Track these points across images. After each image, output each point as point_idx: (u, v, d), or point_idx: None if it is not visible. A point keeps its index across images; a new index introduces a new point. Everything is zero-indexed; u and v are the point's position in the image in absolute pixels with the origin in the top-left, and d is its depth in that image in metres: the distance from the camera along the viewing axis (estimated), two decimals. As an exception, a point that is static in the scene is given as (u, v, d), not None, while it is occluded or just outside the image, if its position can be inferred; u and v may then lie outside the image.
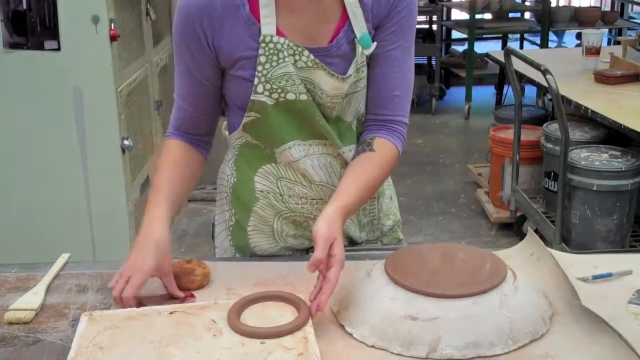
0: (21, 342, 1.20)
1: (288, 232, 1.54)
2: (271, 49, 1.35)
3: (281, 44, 1.35)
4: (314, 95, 1.40)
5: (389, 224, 1.65)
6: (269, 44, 1.35)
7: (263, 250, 1.56)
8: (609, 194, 3.01)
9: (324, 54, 1.39)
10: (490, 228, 4.15)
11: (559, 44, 8.49)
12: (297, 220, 1.53)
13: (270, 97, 1.39)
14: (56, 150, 2.86)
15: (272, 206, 1.52)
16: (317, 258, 1.21)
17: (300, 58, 1.37)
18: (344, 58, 1.40)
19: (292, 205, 1.51)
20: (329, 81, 1.39)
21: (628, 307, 1.27)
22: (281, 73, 1.37)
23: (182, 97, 1.47)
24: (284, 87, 1.38)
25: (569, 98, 3.19)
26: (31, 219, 2.93)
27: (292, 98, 1.39)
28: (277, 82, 1.37)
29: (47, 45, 2.77)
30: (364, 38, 1.39)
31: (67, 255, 1.50)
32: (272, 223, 1.53)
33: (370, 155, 1.43)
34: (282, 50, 1.35)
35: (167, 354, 1.12)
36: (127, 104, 2.97)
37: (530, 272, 1.36)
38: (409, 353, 1.14)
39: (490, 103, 6.16)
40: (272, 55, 1.36)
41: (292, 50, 1.36)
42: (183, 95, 1.47)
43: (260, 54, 1.35)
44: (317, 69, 1.38)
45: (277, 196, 1.51)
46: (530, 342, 1.17)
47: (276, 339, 1.15)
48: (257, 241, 1.56)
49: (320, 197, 1.50)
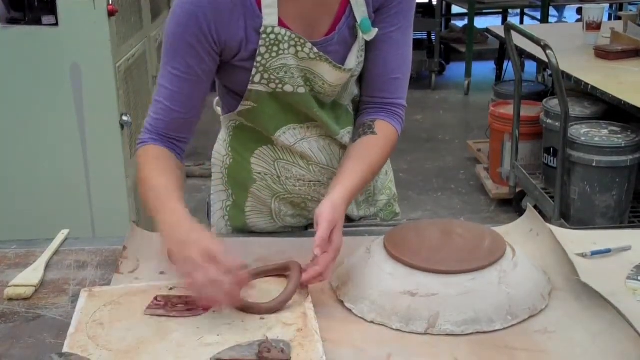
0: (21, 318, 1.21)
1: (286, 212, 1.54)
2: (272, 40, 1.33)
3: (282, 36, 1.33)
4: (314, 85, 1.39)
5: (385, 199, 1.65)
6: (270, 35, 1.32)
7: (261, 230, 1.56)
8: (609, 169, 3.01)
9: (324, 45, 1.37)
10: (489, 204, 4.15)
11: (560, 19, 8.45)
12: (295, 202, 1.53)
13: (267, 86, 1.37)
14: (54, 127, 2.84)
15: (269, 188, 1.51)
16: (322, 238, 1.20)
17: (302, 49, 1.35)
18: (344, 45, 1.39)
19: (289, 187, 1.50)
20: (333, 73, 1.38)
21: (627, 282, 1.27)
22: (280, 65, 1.34)
23: (171, 99, 1.36)
24: (282, 79, 1.36)
25: (569, 73, 3.18)
26: (30, 196, 2.92)
27: (289, 90, 1.37)
28: (275, 72, 1.35)
29: (44, 20, 2.75)
30: (364, 23, 1.37)
31: (67, 231, 1.50)
32: (269, 204, 1.53)
33: (372, 138, 1.42)
34: (282, 41, 1.33)
35: (167, 329, 1.13)
36: (125, 80, 2.95)
37: (529, 248, 1.36)
38: (408, 329, 1.15)
39: (490, 78, 6.15)
40: (273, 47, 1.33)
41: (294, 41, 1.34)
42: (174, 97, 1.35)
43: (261, 45, 1.33)
44: (320, 62, 1.36)
45: (274, 178, 1.50)
46: (529, 318, 1.17)
47: (275, 314, 1.15)
48: (255, 221, 1.56)
49: (318, 179, 1.49)
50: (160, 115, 1.38)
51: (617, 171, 3.01)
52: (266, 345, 1.06)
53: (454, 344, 1.12)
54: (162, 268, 1.34)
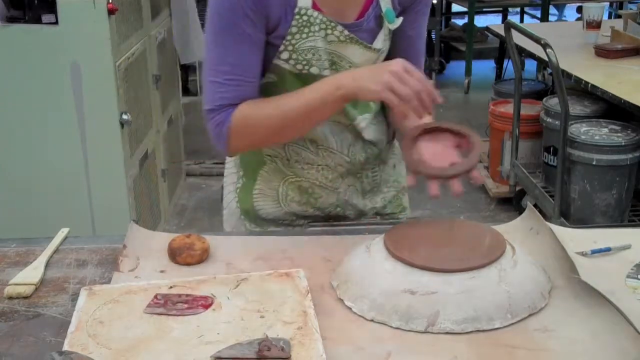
0: (21, 317, 1.21)
1: (293, 198, 1.57)
2: (304, 22, 1.37)
3: (314, 18, 1.37)
4: (340, 68, 1.43)
5: (392, 192, 1.69)
6: (302, 17, 1.37)
7: (267, 214, 1.59)
8: (609, 168, 3.01)
9: (354, 29, 1.41)
10: (489, 203, 4.15)
11: (560, 17, 8.45)
12: (303, 186, 1.56)
13: (294, 67, 1.41)
14: (54, 125, 2.85)
15: (278, 170, 1.55)
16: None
17: (332, 32, 1.39)
18: (370, 33, 1.44)
19: (297, 171, 1.54)
20: (362, 53, 1.43)
21: (627, 281, 1.27)
22: (309, 46, 1.39)
23: (240, 69, 1.38)
24: (310, 60, 1.40)
25: (569, 72, 3.18)
26: (30, 194, 2.93)
27: (315, 72, 1.42)
28: (303, 54, 1.40)
29: (44, 19, 2.75)
30: (389, 13, 1.43)
31: (67, 230, 1.50)
32: (277, 187, 1.56)
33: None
34: (314, 24, 1.38)
35: (167, 327, 1.13)
36: (125, 79, 2.95)
37: (529, 246, 1.36)
38: (408, 327, 1.15)
39: (490, 77, 6.16)
40: (304, 28, 1.38)
41: (325, 24, 1.38)
42: (242, 66, 1.38)
43: (293, 25, 1.37)
44: (351, 43, 1.41)
45: (284, 160, 1.54)
46: (529, 316, 1.17)
47: (275, 313, 1.15)
48: (261, 204, 1.58)
49: (327, 163, 1.52)
50: (230, 88, 1.39)
51: (617, 170, 3.01)
52: (266, 344, 1.06)
53: (453, 343, 1.12)
54: (162, 266, 1.34)
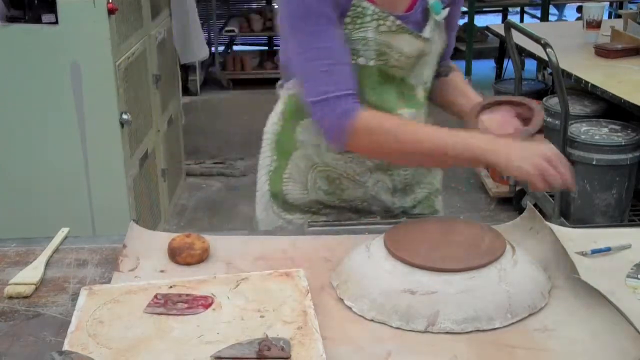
0: (21, 316, 1.21)
1: (320, 186, 1.59)
2: (358, 13, 1.41)
3: (367, 9, 1.41)
4: (388, 59, 1.46)
5: (424, 193, 1.70)
6: (357, 8, 1.41)
7: (294, 199, 1.61)
8: (609, 168, 3.01)
9: (406, 19, 1.45)
10: (489, 202, 4.16)
11: (560, 17, 8.45)
12: (331, 176, 1.57)
13: None
14: (54, 125, 2.85)
15: (309, 157, 1.57)
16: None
17: (384, 23, 1.43)
18: (418, 25, 1.48)
19: (327, 160, 1.56)
20: (413, 42, 1.46)
21: (627, 281, 1.27)
22: (359, 37, 1.42)
23: (337, 54, 1.39)
24: (358, 51, 1.43)
25: (569, 72, 3.18)
26: (30, 194, 2.92)
27: (362, 63, 1.45)
28: (353, 44, 1.42)
29: (44, 18, 2.75)
30: (436, 5, 1.47)
31: (67, 229, 1.50)
32: (306, 174, 1.58)
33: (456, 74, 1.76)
34: (366, 15, 1.41)
35: (167, 327, 1.13)
36: (125, 78, 2.95)
37: (529, 246, 1.36)
38: (408, 327, 1.15)
39: (490, 77, 6.14)
40: (357, 19, 1.41)
41: (377, 15, 1.42)
42: (338, 51, 1.40)
43: (348, 15, 1.41)
44: (402, 33, 1.44)
45: (315, 147, 1.55)
46: (529, 316, 1.17)
47: (275, 312, 1.15)
48: (289, 189, 1.61)
49: (355, 155, 1.54)
50: (342, 76, 1.39)
51: (617, 169, 3.01)
52: (266, 343, 1.06)
53: (453, 342, 1.12)
54: (162, 266, 1.34)
